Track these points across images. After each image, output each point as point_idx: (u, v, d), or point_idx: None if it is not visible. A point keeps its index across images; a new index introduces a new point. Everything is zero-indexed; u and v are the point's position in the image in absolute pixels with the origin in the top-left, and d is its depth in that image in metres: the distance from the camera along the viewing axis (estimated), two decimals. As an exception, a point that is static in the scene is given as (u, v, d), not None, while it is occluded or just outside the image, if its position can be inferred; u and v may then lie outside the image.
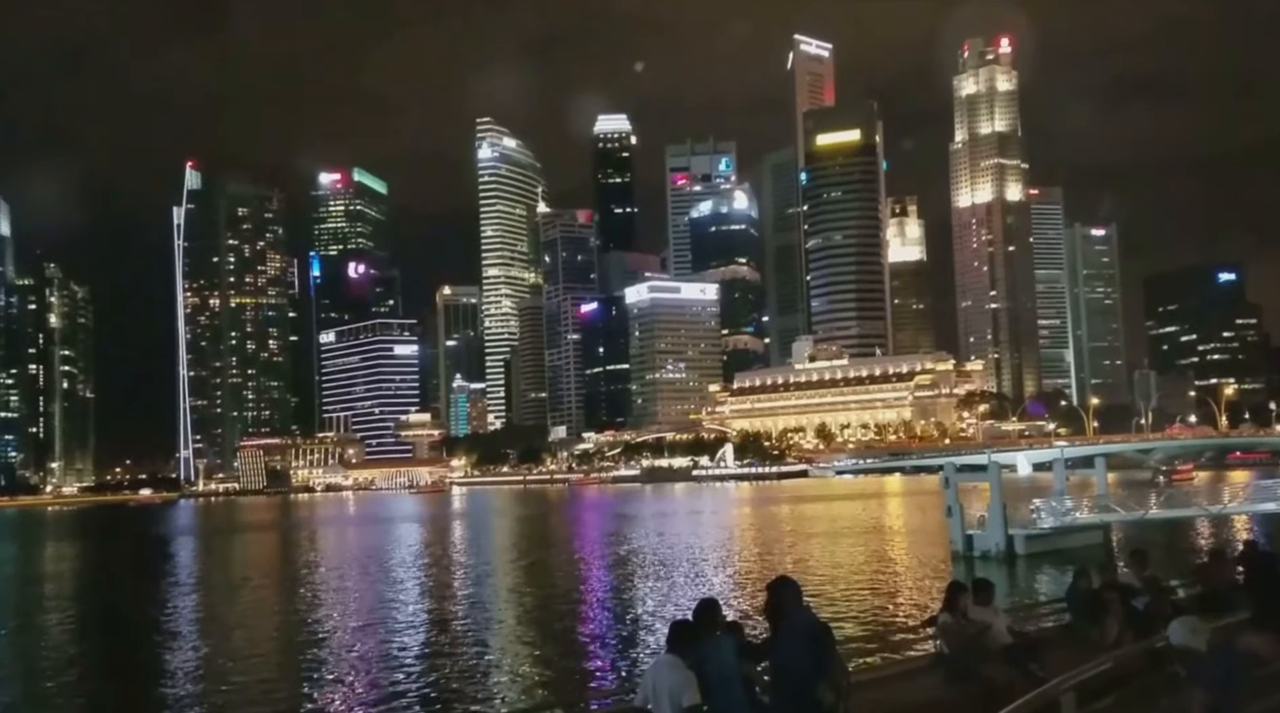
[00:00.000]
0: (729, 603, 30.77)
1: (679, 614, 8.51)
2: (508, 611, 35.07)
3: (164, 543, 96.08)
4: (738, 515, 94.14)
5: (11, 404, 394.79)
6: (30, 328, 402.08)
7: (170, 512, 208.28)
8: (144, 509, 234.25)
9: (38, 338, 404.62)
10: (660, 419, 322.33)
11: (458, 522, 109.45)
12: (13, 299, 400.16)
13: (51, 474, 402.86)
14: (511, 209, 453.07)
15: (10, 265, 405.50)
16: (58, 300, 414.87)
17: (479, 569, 51.58)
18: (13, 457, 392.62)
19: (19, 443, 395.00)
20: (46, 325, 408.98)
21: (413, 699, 21.18)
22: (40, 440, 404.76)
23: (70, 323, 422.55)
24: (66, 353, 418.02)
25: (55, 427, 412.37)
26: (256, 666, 26.56)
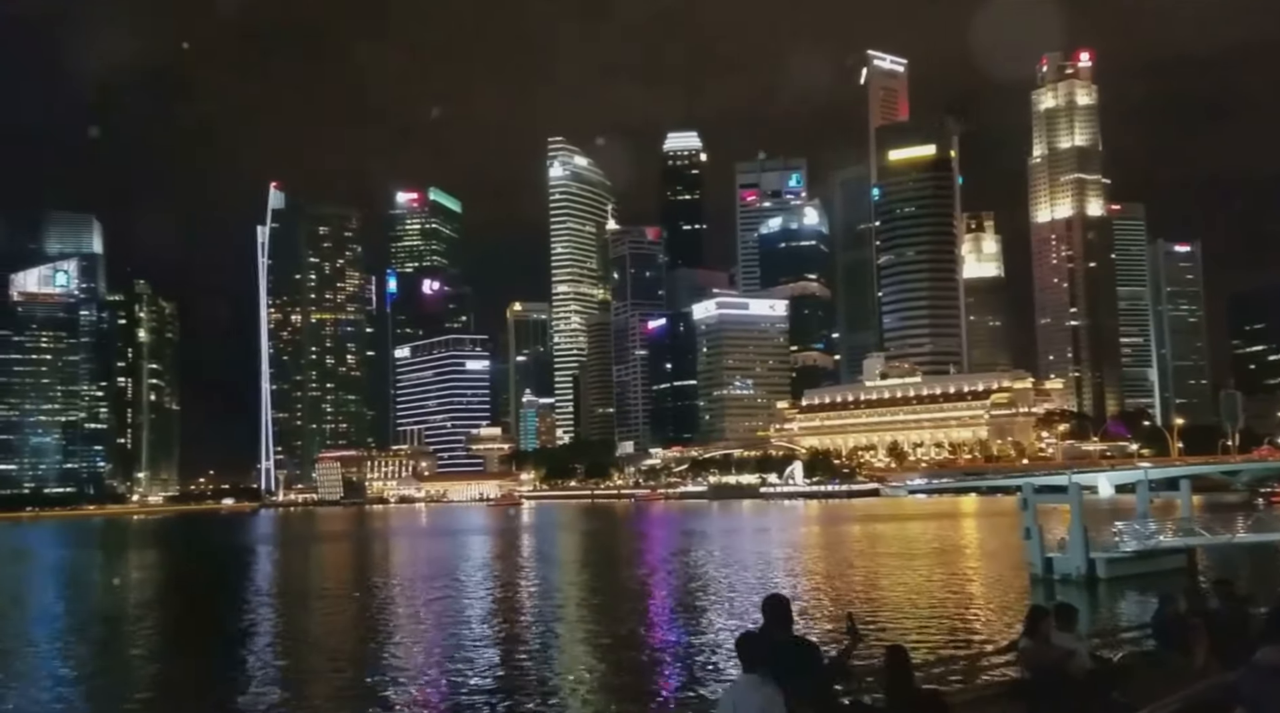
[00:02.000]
0: (802, 622, 30.38)
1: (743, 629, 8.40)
2: (574, 625, 35.19)
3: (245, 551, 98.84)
4: (806, 534, 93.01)
5: (101, 416, 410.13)
6: (120, 342, 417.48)
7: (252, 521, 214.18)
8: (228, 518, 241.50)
9: (127, 352, 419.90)
10: (727, 436, 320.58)
11: (526, 535, 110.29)
12: (104, 314, 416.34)
13: (138, 484, 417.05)
14: (581, 226, 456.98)
15: (102, 282, 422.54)
16: (146, 316, 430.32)
17: (547, 583, 51.89)
18: (101, 467, 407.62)
19: (107, 453, 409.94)
20: (135, 340, 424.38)
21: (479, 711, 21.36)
22: (127, 451, 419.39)
23: (158, 337, 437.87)
24: (154, 366, 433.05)
25: (142, 438, 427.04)
26: (328, 673, 27.10)
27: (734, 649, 7.79)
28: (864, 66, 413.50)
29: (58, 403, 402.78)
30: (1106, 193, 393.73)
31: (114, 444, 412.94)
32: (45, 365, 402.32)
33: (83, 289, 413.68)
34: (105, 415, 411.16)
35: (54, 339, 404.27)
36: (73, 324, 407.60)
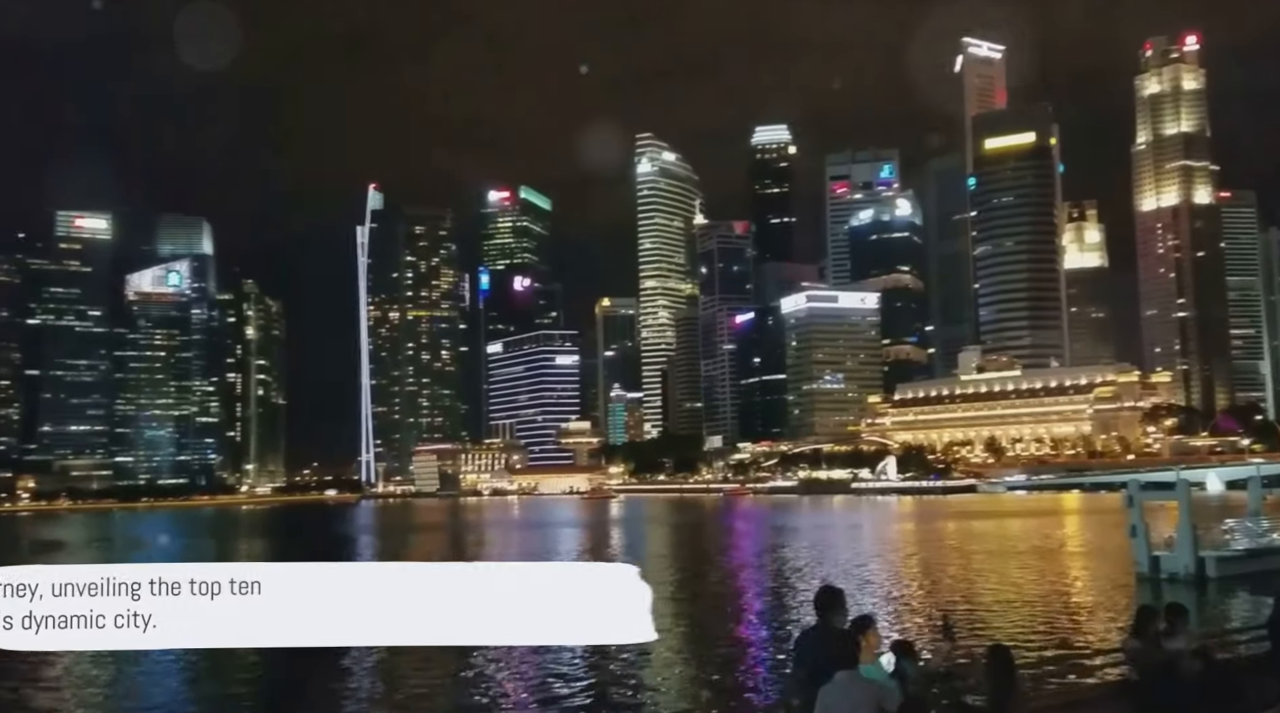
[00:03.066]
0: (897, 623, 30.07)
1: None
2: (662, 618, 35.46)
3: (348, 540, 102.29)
4: (900, 531, 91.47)
5: (212, 410, 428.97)
6: (229, 340, 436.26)
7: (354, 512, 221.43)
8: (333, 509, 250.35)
9: (235, 349, 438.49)
10: (817, 430, 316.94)
11: (616, 528, 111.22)
12: (214, 313, 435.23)
13: (247, 475, 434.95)
14: (669, 222, 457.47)
15: (212, 282, 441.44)
16: (254, 314, 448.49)
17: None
18: (212, 459, 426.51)
19: (218, 446, 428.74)
20: (243, 337, 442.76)
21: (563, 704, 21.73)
22: (237, 444, 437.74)
23: (264, 335, 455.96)
24: (261, 363, 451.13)
25: (250, 431, 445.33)
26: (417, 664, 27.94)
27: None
28: (959, 54, 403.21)
29: (171, 398, 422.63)
30: (1215, 180, 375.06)
31: (224, 437, 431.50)
32: (159, 362, 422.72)
33: (194, 289, 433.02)
34: (216, 410, 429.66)
35: (167, 337, 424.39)
36: (185, 323, 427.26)
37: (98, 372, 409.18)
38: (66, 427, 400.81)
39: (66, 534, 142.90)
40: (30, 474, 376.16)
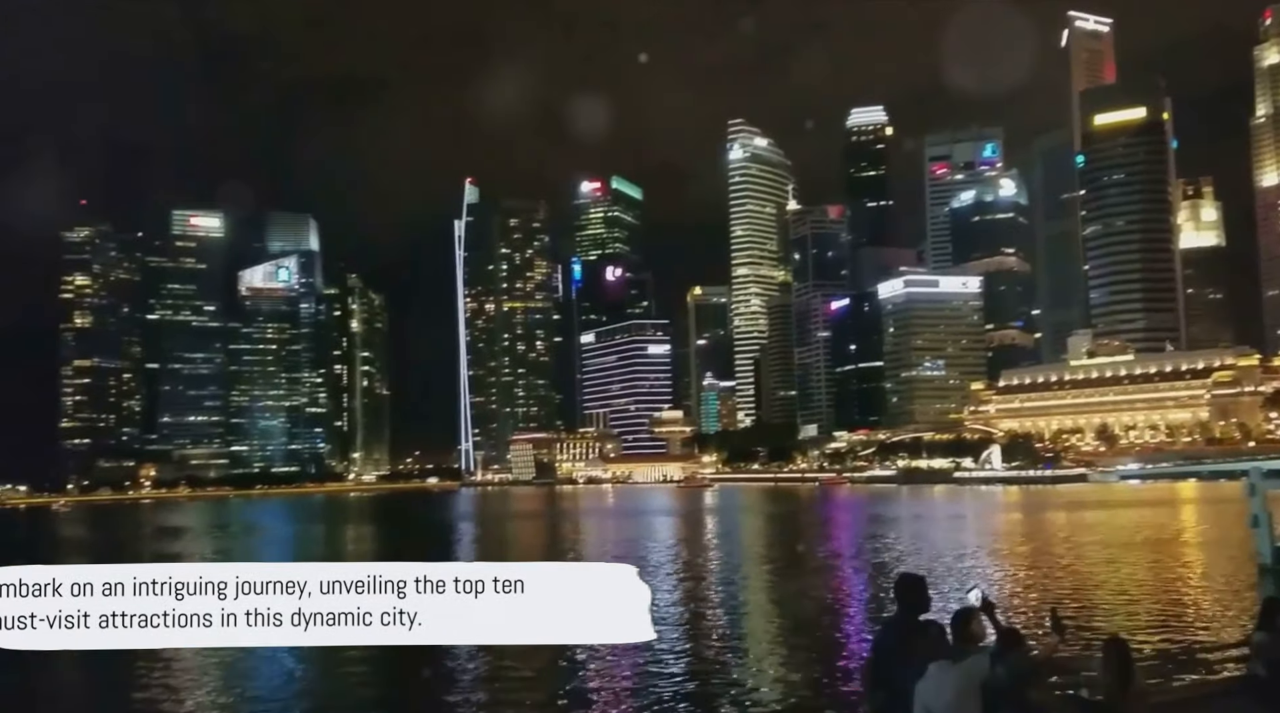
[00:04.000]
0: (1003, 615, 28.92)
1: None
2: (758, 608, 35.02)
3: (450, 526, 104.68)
4: (1006, 521, 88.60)
5: (320, 401, 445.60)
6: (335, 333, 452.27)
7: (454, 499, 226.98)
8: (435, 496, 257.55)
9: (341, 342, 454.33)
10: (917, 418, 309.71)
11: (710, 516, 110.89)
12: (321, 307, 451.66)
13: (353, 464, 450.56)
14: (761, 208, 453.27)
15: (319, 276, 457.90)
16: (358, 308, 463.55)
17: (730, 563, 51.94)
18: (321, 448, 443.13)
19: (326, 435, 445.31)
20: (349, 330, 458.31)
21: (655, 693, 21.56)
22: (344, 433, 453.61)
23: (368, 328, 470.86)
24: (365, 355, 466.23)
25: (356, 421, 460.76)
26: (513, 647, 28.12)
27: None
28: (1065, 28, 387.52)
29: (282, 389, 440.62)
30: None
31: (332, 427, 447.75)
32: (271, 355, 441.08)
33: (302, 284, 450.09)
34: (324, 401, 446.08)
35: (278, 331, 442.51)
36: (294, 316, 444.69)
37: (213, 365, 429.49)
38: (185, 418, 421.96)
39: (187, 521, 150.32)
40: (152, 463, 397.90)
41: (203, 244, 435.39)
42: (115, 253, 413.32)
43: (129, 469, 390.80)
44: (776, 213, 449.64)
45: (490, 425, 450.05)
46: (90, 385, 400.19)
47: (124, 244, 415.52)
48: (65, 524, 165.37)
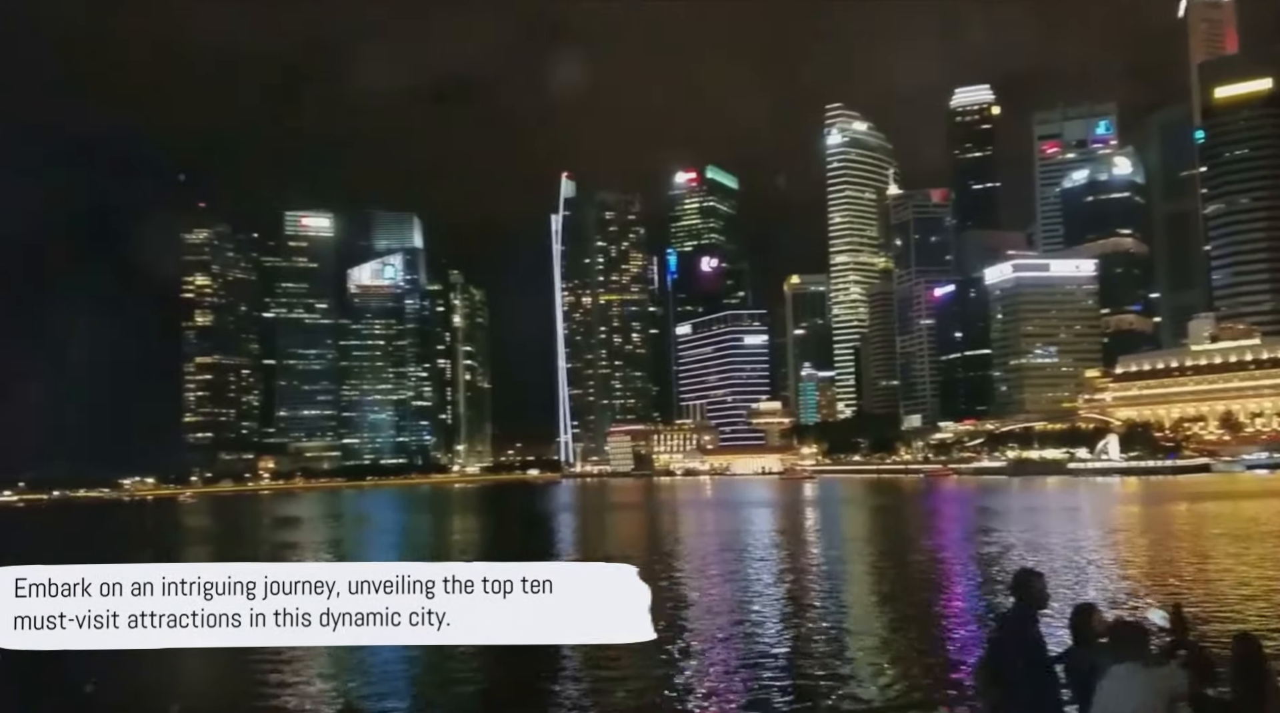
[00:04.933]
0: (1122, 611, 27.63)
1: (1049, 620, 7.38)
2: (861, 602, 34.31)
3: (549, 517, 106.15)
4: (1124, 514, 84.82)
5: (425, 394, 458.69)
6: (438, 328, 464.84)
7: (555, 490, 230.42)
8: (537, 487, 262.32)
9: (444, 336, 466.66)
10: (1027, 407, 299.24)
11: (811, 509, 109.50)
12: (425, 303, 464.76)
13: (457, 455, 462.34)
14: (860, 193, 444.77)
15: (423, 273, 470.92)
16: (460, 303, 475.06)
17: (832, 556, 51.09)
18: (427, 440, 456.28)
19: (432, 428, 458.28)
20: (451, 325, 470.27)
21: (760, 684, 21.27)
22: (448, 426, 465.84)
23: (470, 322, 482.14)
24: (468, 349, 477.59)
25: (460, 414, 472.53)
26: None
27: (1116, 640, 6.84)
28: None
29: (390, 383, 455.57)
30: None
31: (437, 420, 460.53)
32: (379, 350, 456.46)
33: (407, 280, 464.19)
34: (429, 394, 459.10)
35: (385, 326, 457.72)
36: (400, 312, 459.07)
37: (325, 360, 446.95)
38: (300, 412, 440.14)
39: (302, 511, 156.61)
40: (269, 455, 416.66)
41: (314, 244, 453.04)
42: (233, 253, 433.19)
43: (248, 462, 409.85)
44: (877, 198, 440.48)
45: (588, 417, 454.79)
46: (211, 381, 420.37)
47: (241, 244, 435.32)
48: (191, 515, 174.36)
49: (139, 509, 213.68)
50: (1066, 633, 7.61)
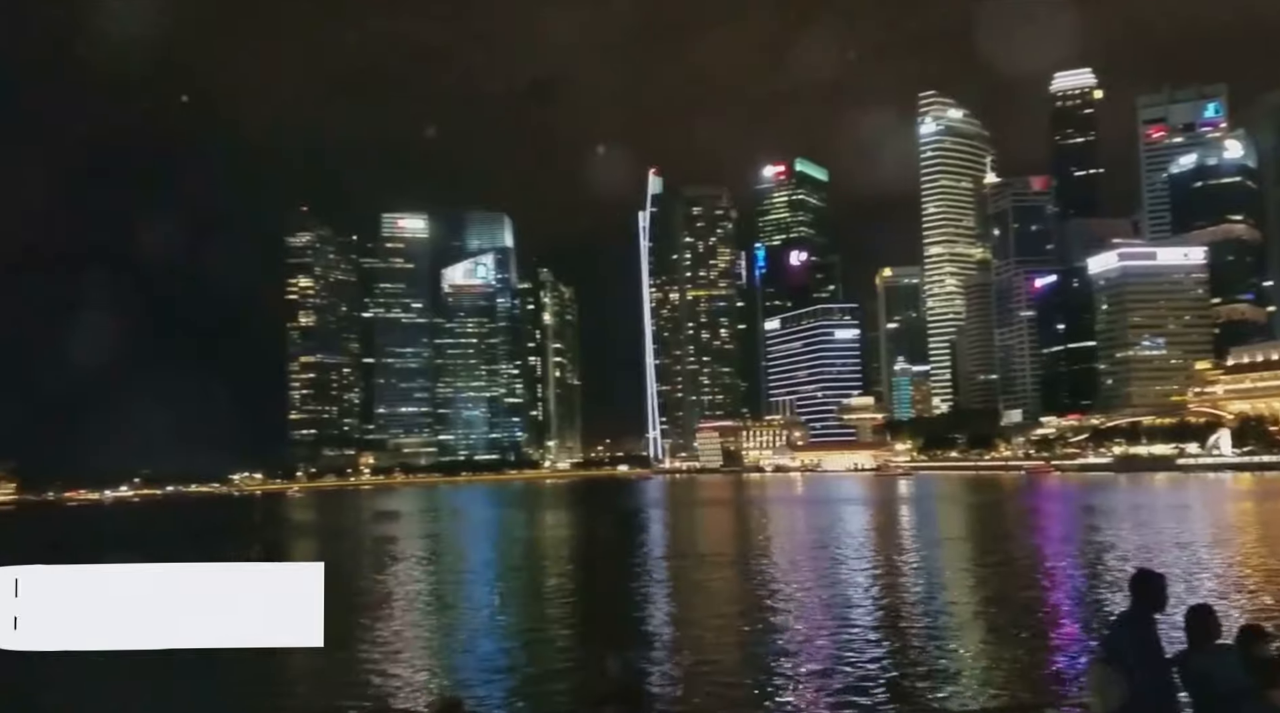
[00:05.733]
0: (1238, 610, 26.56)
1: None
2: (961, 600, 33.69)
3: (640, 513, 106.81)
4: (1236, 511, 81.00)
5: (517, 391, 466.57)
6: (529, 326, 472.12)
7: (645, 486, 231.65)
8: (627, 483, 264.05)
9: (535, 334, 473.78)
10: (1134, 401, 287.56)
11: (906, 506, 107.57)
12: (515, 301, 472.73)
13: (548, 451, 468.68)
14: (956, 183, 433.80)
15: (513, 272, 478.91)
16: (550, 301, 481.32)
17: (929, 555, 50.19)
18: (519, 436, 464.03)
19: (523, 424, 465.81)
20: (541, 323, 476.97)
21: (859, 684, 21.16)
22: (539, 422, 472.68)
23: (560, 320, 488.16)
24: (557, 346, 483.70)
25: (550, 411, 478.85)
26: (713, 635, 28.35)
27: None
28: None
29: (482, 380, 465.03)
30: None
31: (528, 416, 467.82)
32: (471, 348, 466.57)
33: (498, 279, 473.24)
34: (520, 391, 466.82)
35: (478, 325, 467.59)
36: (491, 311, 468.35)
37: (421, 358, 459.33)
38: (397, 409, 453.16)
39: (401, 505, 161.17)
40: (370, 451, 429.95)
41: (409, 245, 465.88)
42: (334, 255, 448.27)
43: (350, 457, 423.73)
44: (973, 187, 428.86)
45: (677, 414, 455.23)
46: (315, 380, 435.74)
47: (341, 247, 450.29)
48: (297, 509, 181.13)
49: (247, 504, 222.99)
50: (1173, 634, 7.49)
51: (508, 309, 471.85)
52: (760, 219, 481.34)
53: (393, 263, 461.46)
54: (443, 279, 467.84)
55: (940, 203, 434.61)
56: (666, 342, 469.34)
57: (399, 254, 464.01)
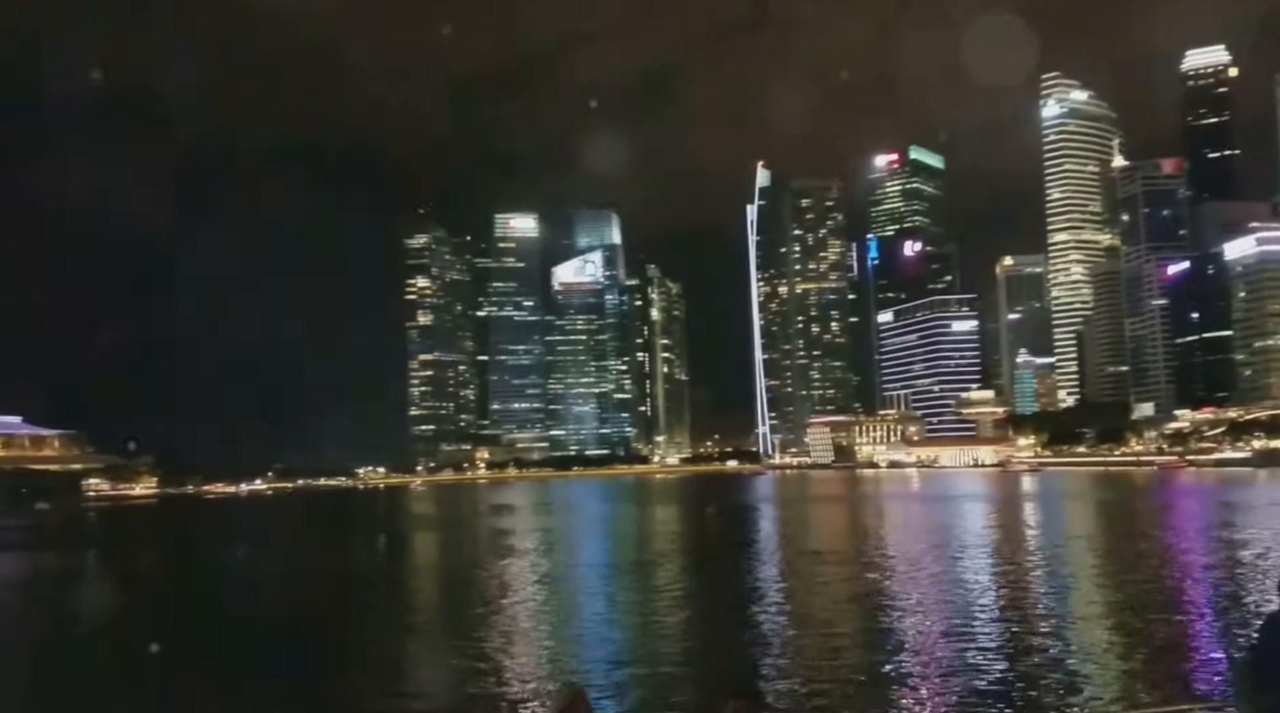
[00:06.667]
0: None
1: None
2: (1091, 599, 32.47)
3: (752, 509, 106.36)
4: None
5: (625, 387, 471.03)
6: (637, 322, 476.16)
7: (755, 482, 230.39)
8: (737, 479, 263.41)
9: (643, 330, 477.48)
10: (1274, 393, 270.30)
11: (1030, 503, 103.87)
12: (623, 297, 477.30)
13: (657, 446, 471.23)
14: (1081, 167, 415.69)
15: (621, 269, 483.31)
16: (657, 297, 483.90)
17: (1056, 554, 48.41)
18: (628, 432, 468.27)
19: (632, 420, 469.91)
20: (649, 319, 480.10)
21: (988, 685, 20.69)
22: (648, 418, 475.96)
23: (667, 316, 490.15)
24: (665, 342, 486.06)
25: (658, 406, 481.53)
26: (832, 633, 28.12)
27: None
28: None
29: (592, 377, 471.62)
30: None
31: (637, 411, 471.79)
32: (581, 345, 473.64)
33: (607, 276, 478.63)
34: (629, 387, 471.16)
35: (587, 322, 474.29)
36: (600, 308, 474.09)
37: (533, 355, 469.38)
38: (511, 405, 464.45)
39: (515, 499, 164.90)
40: (485, 446, 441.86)
41: (520, 244, 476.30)
42: (449, 256, 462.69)
43: (466, 452, 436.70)
44: (1100, 171, 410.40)
45: (786, 409, 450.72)
46: (433, 377, 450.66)
47: (456, 247, 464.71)
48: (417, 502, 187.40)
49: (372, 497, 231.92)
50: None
51: (616, 306, 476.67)
52: (872, 209, 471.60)
53: (505, 262, 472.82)
54: (553, 277, 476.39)
55: (1065, 188, 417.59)
56: (775, 336, 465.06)
57: (511, 253, 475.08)
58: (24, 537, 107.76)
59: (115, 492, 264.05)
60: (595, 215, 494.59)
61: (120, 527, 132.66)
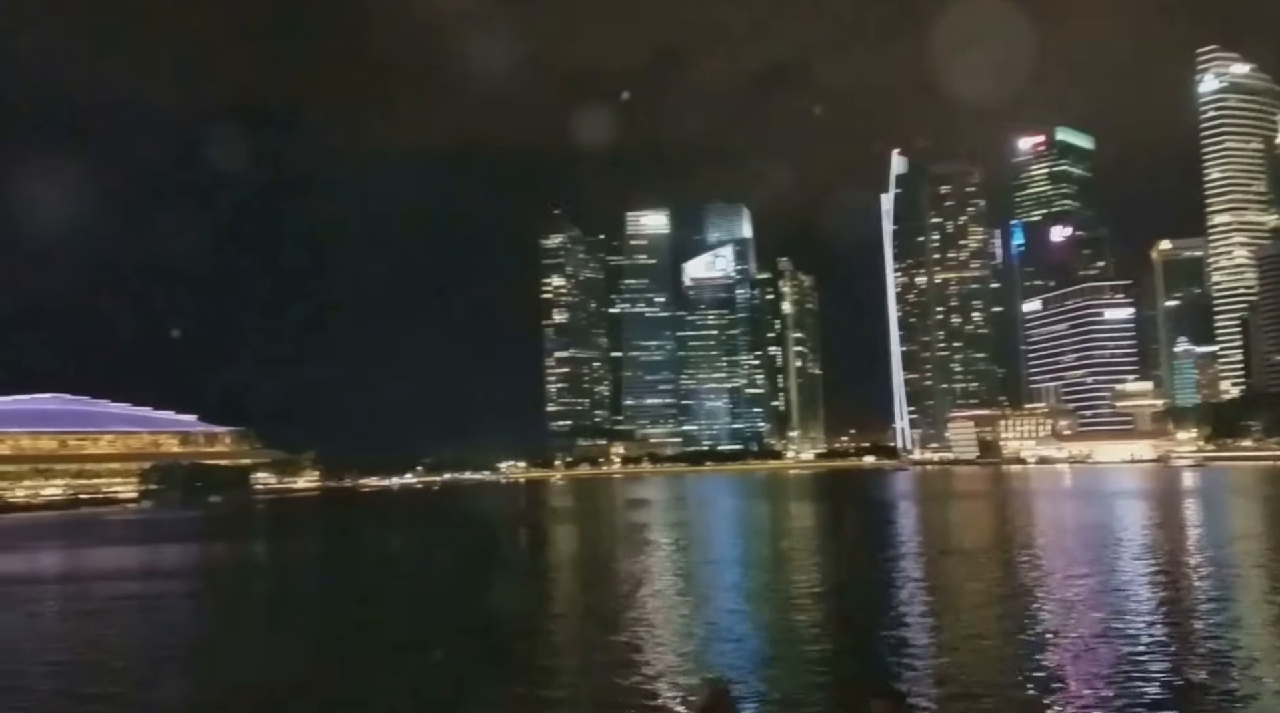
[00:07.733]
0: None
1: None
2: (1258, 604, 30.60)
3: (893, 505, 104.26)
4: None
5: (758, 382, 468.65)
6: (768, 316, 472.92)
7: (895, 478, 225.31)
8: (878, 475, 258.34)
9: (774, 324, 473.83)
10: None
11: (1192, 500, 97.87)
12: (755, 292, 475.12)
13: (791, 441, 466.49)
14: (1244, 144, 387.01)
15: (752, 263, 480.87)
16: (789, 290, 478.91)
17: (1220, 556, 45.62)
18: (761, 427, 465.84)
19: (765, 415, 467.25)
20: (781, 313, 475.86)
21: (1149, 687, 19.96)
22: (780, 412, 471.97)
23: (799, 309, 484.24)
24: (798, 336, 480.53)
25: (792, 401, 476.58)
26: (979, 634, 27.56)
27: None
28: None
29: (724, 372, 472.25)
30: None
31: (769, 406, 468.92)
32: (712, 340, 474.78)
33: (738, 271, 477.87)
34: (761, 381, 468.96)
35: (718, 317, 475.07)
36: (731, 302, 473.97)
37: (665, 351, 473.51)
38: (644, 400, 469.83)
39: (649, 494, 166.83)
40: (619, 441, 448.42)
41: (652, 241, 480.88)
42: (583, 255, 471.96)
43: (602, 447, 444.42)
44: (1264, 148, 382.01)
45: (926, 402, 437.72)
46: (569, 374, 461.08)
47: (589, 246, 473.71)
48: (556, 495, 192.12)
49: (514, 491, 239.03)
50: None
51: (747, 300, 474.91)
52: (1017, 194, 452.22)
53: (636, 259, 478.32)
54: (684, 273, 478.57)
55: (1226, 167, 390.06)
56: (913, 327, 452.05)
57: (642, 251, 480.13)
58: (225, 525, 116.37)
59: (280, 485, 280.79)
60: (726, 209, 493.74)
61: (286, 518, 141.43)
